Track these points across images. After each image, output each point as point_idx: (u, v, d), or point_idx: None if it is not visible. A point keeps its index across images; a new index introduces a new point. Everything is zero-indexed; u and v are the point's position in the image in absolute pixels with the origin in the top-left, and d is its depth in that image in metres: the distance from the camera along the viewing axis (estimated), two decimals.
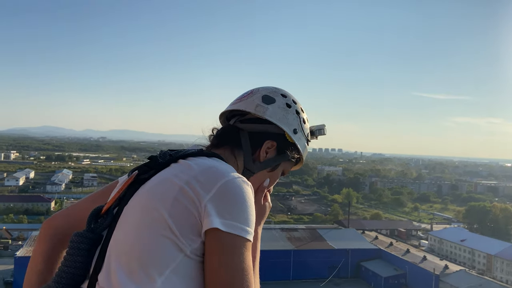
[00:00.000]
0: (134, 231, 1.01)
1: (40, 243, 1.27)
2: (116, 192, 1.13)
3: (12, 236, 57.98)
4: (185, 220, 0.99)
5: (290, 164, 1.39)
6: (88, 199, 1.34)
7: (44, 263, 1.24)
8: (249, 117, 1.34)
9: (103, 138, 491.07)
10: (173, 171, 1.09)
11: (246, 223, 1.00)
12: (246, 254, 0.98)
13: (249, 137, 1.30)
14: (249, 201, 1.03)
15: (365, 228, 63.25)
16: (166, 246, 0.97)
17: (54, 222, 1.29)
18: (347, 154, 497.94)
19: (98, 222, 1.09)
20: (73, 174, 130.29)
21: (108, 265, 1.01)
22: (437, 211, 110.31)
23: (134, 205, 1.07)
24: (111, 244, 1.04)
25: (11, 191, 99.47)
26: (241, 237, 0.98)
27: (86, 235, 1.06)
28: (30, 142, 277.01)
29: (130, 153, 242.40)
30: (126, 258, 0.98)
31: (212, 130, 1.39)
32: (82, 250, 1.04)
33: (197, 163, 1.09)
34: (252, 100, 1.34)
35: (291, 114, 1.35)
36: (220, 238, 0.97)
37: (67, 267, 1.05)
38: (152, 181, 1.10)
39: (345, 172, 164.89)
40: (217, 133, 1.36)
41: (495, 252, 57.16)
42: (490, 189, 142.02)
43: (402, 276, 44.44)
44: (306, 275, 43.92)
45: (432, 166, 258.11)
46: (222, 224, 0.97)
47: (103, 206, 1.12)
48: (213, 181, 1.02)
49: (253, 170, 1.30)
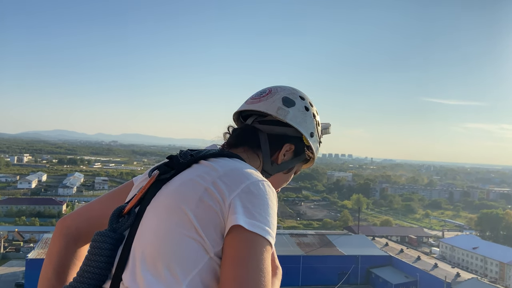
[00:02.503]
0: (159, 232, 1.00)
1: (54, 242, 1.28)
2: (138, 192, 1.12)
3: (24, 238, 58.64)
4: (210, 221, 0.99)
5: (302, 163, 1.42)
6: (102, 199, 1.34)
7: (58, 262, 1.25)
8: (269, 118, 1.33)
9: (115, 142, 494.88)
10: (196, 172, 1.08)
11: (269, 225, 0.99)
12: (265, 255, 0.96)
13: (268, 138, 1.30)
14: (272, 205, 1.03)
15: (375, 235, 62.86)
16: (192, 247, 0.97)
17: (67, 222, 1.30)
18: (357, 159, 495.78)
19: (119, 221, 1.09)
20: (84, 177, 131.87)
21: (133, 265, 1.00)
22: (448, 218, 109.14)
23: (157, 205, 1.06)
24: (135, 244, 1.03)
25: (24, 193, 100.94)
26: (262, 238, 0.96)
27: (108, 235, 1.05)
28: (42, 145, 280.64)
29: (141, 157, 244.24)
30: (151, 258, 0.97)
31: (228, 128, 1.38)
32: (104, 249, 1.04)
33: (221, 164, 1.09)
34: (272, 102, 1.33)
35: (309, 117, 1.36)
36: (241, 235, 0.96)
37: (90, 266, 1.04)
38: (175, 181, 1.09)
39: (355, 178, 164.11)
40: (235, 132, 1.35)
41: (508, 260, 56.32)
42: (503, 196, 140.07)
43: (413, 284, 43.97)
44: (315, 281, 43.70)
45: (443, 172, 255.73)
46: (245, 222, 0.96)
47: (125, 206, 1.11)
48: (238, 182, 1.02)
49: (270, 172, 1.31)
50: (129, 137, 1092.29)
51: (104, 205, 1.28)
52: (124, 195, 1.26)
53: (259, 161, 1.29)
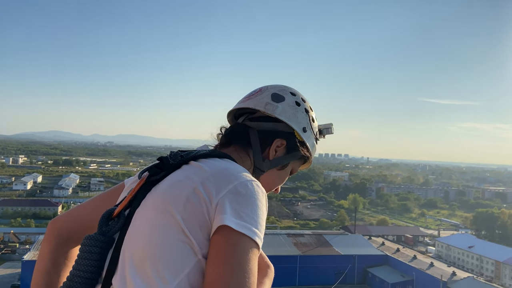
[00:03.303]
0: (148, 235, 0.99)
1: (45, 244, 1.28)
2: (128, 194, 1.10)
3: (19, 240, 58.38)
4: (197, 222, 0.97)
5: (299, 163, 1.39)
6: (93, 200, 1.33)
7: (49, 263, 1.24)
8: (258, 115, 1.33)
9: (110, 143, 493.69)
10: (185, 173, 1.07)
11: (256, 226, 0.97)
12: (251, 256, 0.94)
13: (258, 135, 1.29)
14: (261, 205, 1.02)
15: (372, 234, 63.00)
16: (181, 250, 0.95)
17: (58, 223, 1.29)
18: (354, 159, 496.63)
19: (109, 224, 1.07)
20: (80, 178, 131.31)
21: (122, 269, 0.99)
22: (444, 217, 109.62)
23: (146, 208, 1.04)
24: (124, 247, 1.02)
25: (19, 195, 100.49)
26: (249, 238, 0.95)
27: (98, 238, 1.04)
28: (38, 146, 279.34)
29: (137, 157, 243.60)
30: (140, 262, 0.96)
31: (221, 129, 1.38)
32: (94, 253, 1.03)
33: (209, 165, 1.08)
34: (261, 98, 1.33)
35: (301, 112, 1.34)
36: (227, 236, 0.94)
37: (80, 270, 1.03)
38: (164, 183, 1.08)
39: (352, 178, 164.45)
40: (226, 131, 1.35)
41: (503, 259, 56.62)
42: (498, 195, 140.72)
43: (409, 283, 44.09)
44: (312, 281, 43.73)
45: (439, 171, 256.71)
46: (232, 222, 0.94)
47: (114, 209, 1.09)
48: (225, 183, 1.01)
49: (262, 168, 1.29)
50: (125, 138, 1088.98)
51: (95, 206, 1.27)
52: (116, 197, 1.25)
53: (250, 158, 1.28)
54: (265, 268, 1.19)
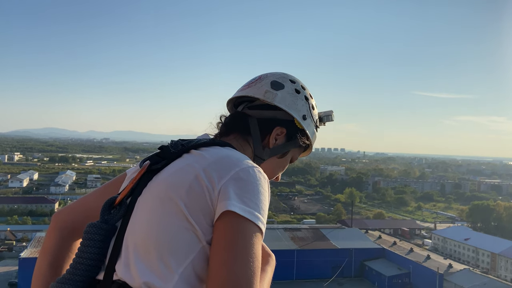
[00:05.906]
0: (151, 222, 0.99)
1: (49, 236, 1.27)
2: (129, 183, 1.12)
3: (16, 237, 58.22)
4: (200, 209, 0.98)
5: (299, 150, 1.39)
6: (95, 192, 1.33)
7: (53, 256, 1.24)
8: (257, 103, 1.32)
9: (106, 140, 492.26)
10: (187, 161, 1.08)
11: (259, 211, 0.98)
12: (255, 241, 0.95)
13: (258, 123, 1.29)
14: (263, 191, 1.02)
15: (369, 228, 63.24)
16: (185, 237, 0.96)
17: (62, 215, 1.28)
18: (350, 153, 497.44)
19: (111, 213, 1.08)
20: (76, 175, 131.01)
21: (126, 256, 1.00)
22: (440, 210, 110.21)
23: (148, 196, 1.05)
24: (127, 235, 1.02)
25: (15, 192, 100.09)
26: (253, 223, 0.95)
27: (100, 226, 1.05)
28: (33, 143, 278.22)
29: (133, 154, 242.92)
30: (144, 249, 0.97)
31: (220, 118, 1.37)
32: (96, 241, 1.03)
33: (211, 153, 1.08)
34: (260, 86, 1.32)
35: (300, 100, 1.33)
36: (231, 221, 0.94)
37: (83, 258, 1.03)
38: (166, 171, 1.09)
39: (348, 172, 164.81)
40: (226, 120, 1.34)
41: (499, 251, 57.04)
42: (494, 188, 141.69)
43: (406, 275, 44.38)
44: (309, 275, 43.93)
45: (435, 165, 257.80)
46: (235, 207, 0.95)
47: (116, 197, 1.10)
48: (227, 169, 1.01)
49: (262, 156, 1.29)
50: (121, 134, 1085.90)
51: (98, 197, 1.26)
52: (118, 187, 1.25)
53: (250, 146, 1.28)
54: (266, 256, 1.19)
